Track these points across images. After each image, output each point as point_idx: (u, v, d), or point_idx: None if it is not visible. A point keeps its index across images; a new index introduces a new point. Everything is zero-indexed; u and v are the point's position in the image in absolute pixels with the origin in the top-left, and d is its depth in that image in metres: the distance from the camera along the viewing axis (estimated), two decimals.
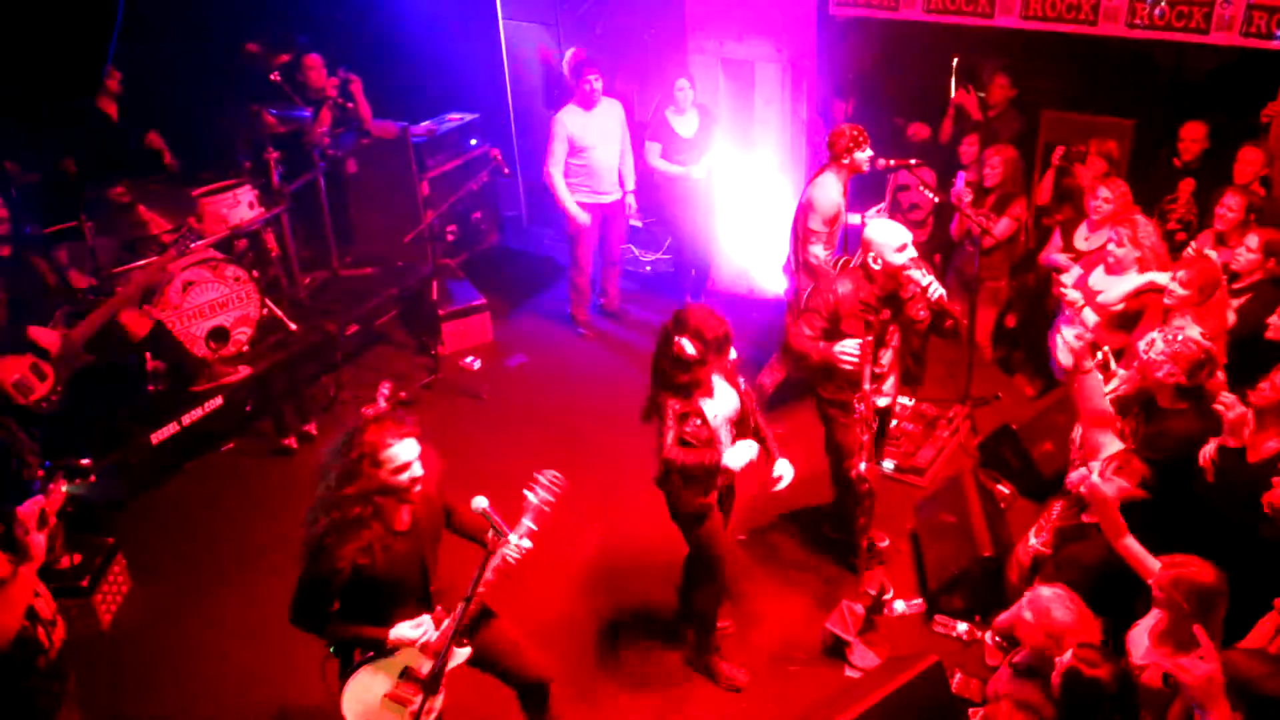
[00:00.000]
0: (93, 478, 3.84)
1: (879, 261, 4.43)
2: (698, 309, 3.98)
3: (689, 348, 3.87)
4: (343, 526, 3.21)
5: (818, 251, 5.93)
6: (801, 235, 5.97)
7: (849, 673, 4.62)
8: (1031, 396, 6.36)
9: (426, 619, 3.44)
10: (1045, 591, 3.23)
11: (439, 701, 3.46)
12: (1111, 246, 5.24)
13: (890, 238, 4.42)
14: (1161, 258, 5.37)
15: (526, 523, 3.50)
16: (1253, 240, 5.01)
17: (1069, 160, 6.38)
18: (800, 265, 6.08)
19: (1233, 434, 3.71)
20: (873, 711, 3.73)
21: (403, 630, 3.39)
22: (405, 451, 3.26)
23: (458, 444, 5.81)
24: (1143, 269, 5.22)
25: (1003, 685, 3.39)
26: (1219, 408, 3.72)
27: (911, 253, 4.41)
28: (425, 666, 3.42)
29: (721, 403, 4.10)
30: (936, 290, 4.41)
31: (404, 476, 3.27)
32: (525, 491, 3.55)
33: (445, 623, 3.43)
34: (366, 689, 3.40)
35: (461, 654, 3.50)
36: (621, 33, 7.97)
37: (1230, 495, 3.69)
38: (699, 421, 4.02)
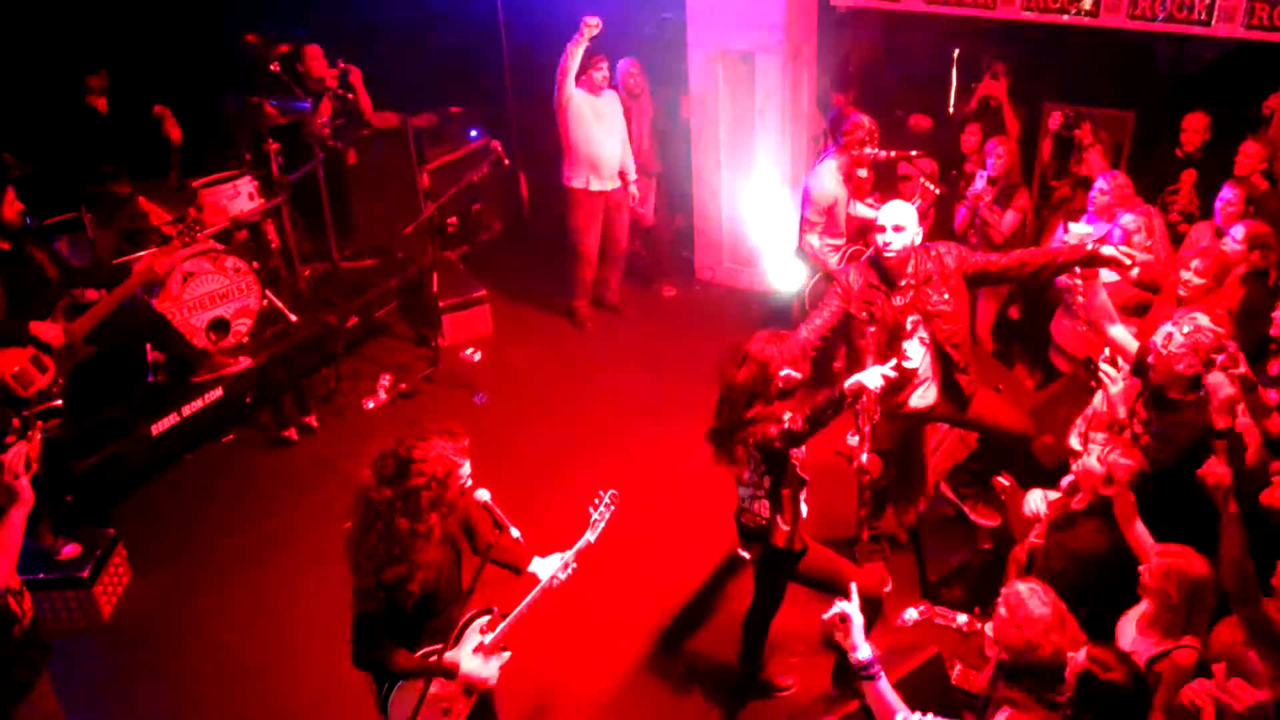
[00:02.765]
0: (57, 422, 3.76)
1: (874, 243, 4.42)
2: (768, 338, 3.84)
3: (796, 374, 3.78)
4: (407, 551, 3.15)
5: (812, 240, 5.92)
6: (799, 225, 5.98)
7: None
8: (1031, 389, 6.36)
9: (475, 628, 3.45)
10: (1021, 586, 3.22)
11: (472, 701, 3.48)
12: (1135, 236, 5.22)
13: (877, 217, 4.41)
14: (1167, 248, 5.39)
15: (588, 537, 3.56)
16: (1239, 231, 4.99)
17: (1068, 127, 6.37)
18: (799, 254, 6.10)
19: (1219, 414, 3.68)
20: None
21: (471, 666, 3.36)
22: (466, 467, 3.27)
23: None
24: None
25: (986, 683, 3.40)
26: (1210, 381, 3.62)
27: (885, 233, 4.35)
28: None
29: None
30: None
31: (462, 493, 3.29)
32: (589, 509, 3.59)
33: (499, 627, 3.45)
34: (409, 695, 3.37)
35: (503, 657, 3.52)
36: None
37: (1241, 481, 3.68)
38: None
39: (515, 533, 3.45)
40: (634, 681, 4.68)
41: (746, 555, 4.20)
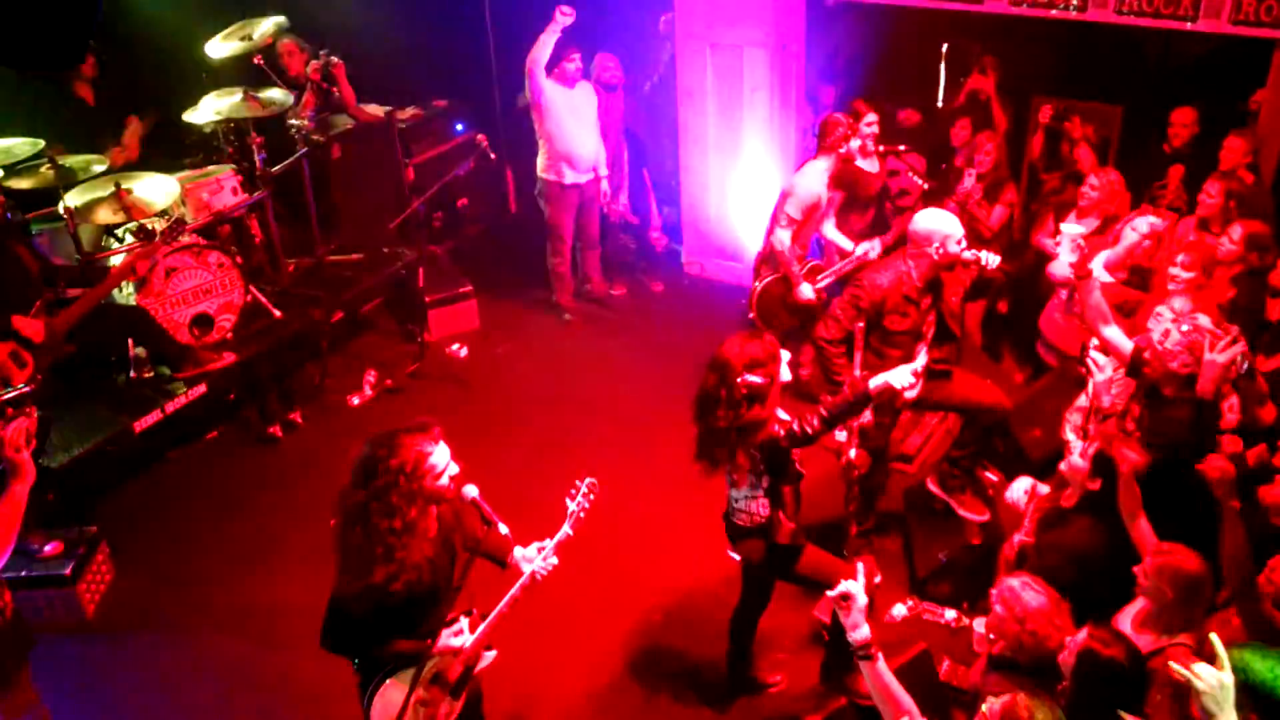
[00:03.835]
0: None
1: (940, 252, 4.47)
2: (733, 342, 3.78)
3: (756, 380, 3.68)
4: (392, 550, 3.12)
5: (783, 238, 5.90)
6: (774, 218, 5.96)
7: None
8: (1020, 383, 6.37)
9: (465, 622, 3.40)
10: (1013, 581, 3.24)
11: (460, 705, 3.44)
12: (1127, 230, 5.26)
13: (955, 228, 4.51)
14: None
15: (566, 530, 3.52)
16: (1235, 232, 5.00)
17: (1058, 120, 6.39)
18: (764, 250, 6.08)
19: (1207, 382, 3.80)
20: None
21: (446, 640, 3.32)
22: (441, 456, 3.24)
23: (445, 432, 5.79)
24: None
25: (977, 677, 3.41)
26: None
27: (964, 242, 4.54)
28: (454, 671, 3.39)
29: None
30: (992, 259, 4.57)
31: (444, 480, 3.25)
32: (566, 500, 3.56)
33: (480, 627, 3.41)
34: (393, 694, 3.31)
35: (489, 656, 3.48)
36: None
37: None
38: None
39: (504, 529, 3.42)
40: (623, 680, 4.66)
41: (736, 557, 4.18)
